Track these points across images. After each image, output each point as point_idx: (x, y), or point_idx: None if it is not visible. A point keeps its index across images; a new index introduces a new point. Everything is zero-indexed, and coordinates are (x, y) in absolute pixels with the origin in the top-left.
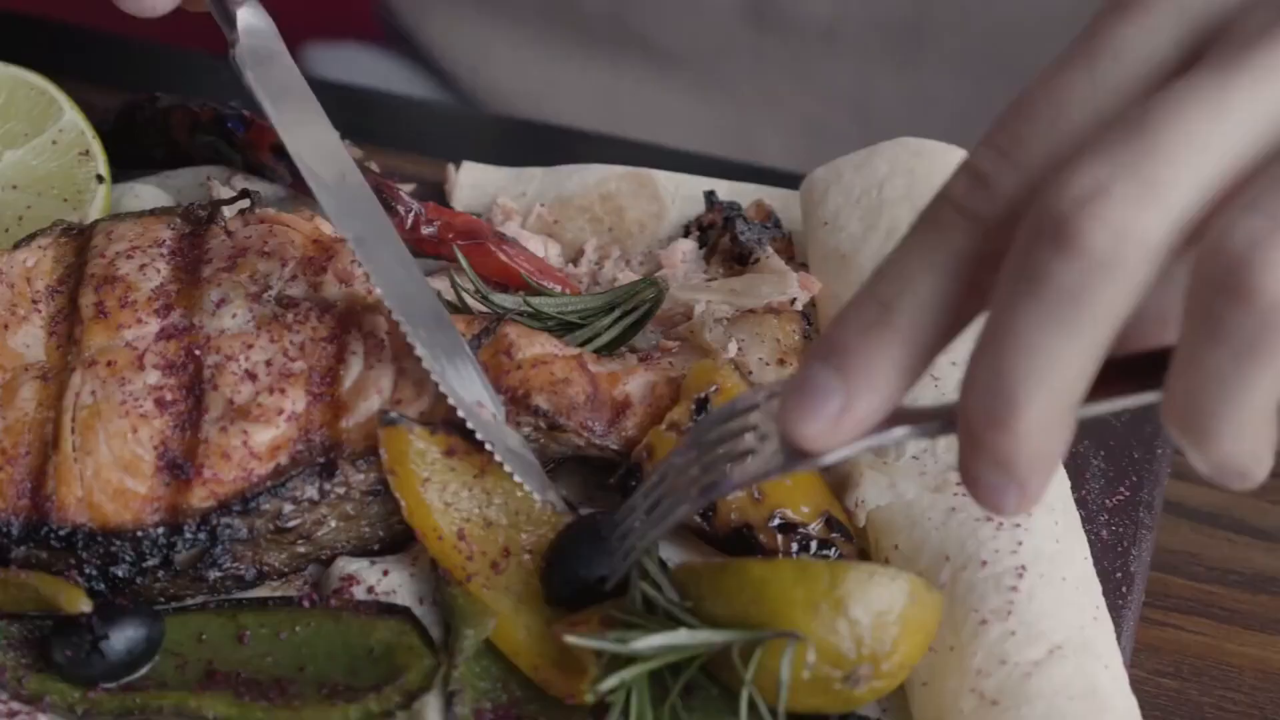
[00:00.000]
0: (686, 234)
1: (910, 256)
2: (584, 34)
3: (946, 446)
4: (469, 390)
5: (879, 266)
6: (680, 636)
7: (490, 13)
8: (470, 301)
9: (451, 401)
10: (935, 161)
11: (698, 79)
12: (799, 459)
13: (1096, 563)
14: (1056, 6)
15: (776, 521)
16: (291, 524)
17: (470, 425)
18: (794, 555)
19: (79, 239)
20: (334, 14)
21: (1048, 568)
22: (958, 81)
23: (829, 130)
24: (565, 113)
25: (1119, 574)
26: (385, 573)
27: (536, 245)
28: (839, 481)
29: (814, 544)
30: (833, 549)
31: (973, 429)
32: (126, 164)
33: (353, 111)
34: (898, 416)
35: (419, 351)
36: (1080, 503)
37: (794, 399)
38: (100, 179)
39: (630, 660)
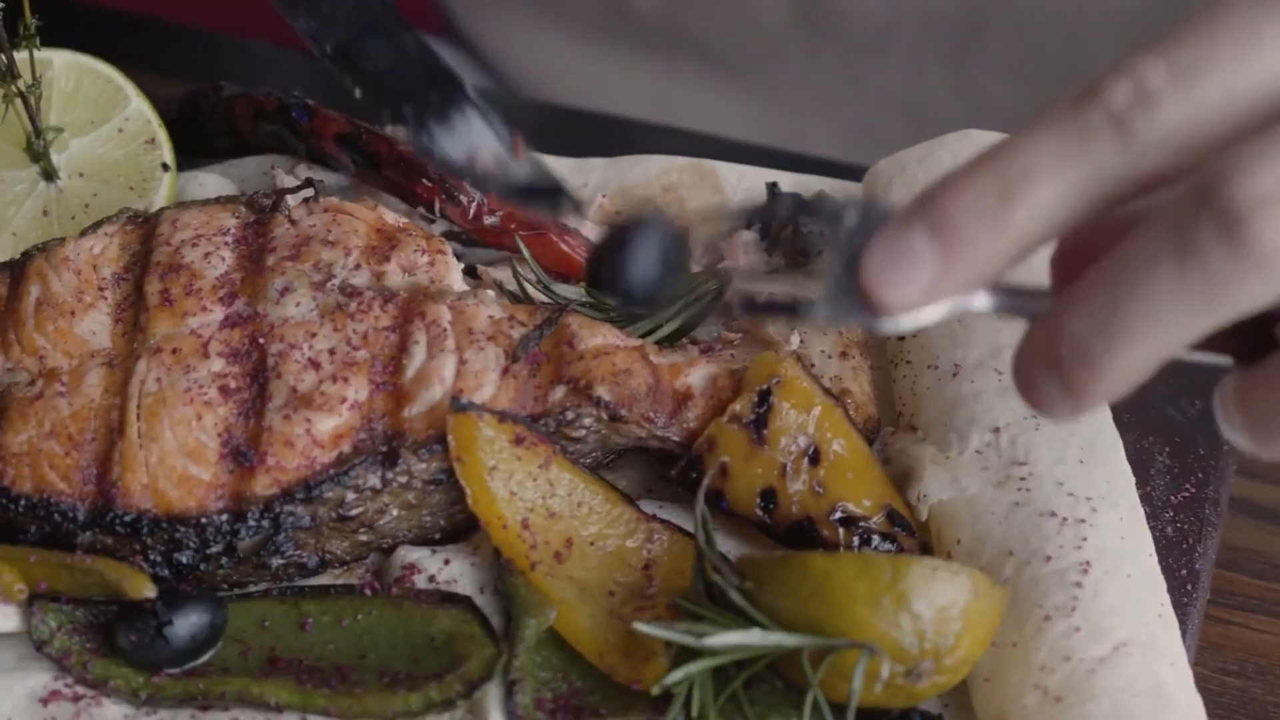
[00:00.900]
0: (748, 226)
1: (1047, 151)
2: (636, 36)
3: (1009, 441)
4: (460, 145)
5: (1009, 140)
6: (753, 636)
7: (541, 13)
8: (532, 291)
9: (436, 167)
10: None
11: (749, 81)
12: (866, 312)
13: (1161, 560)
14: (1111, 6)
15: (838, 515)
16: (354, 512)
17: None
18: (855, 549)
19: (144, 227)
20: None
21: (1113, 564)
22: (1011, 83)
23: (881, 132)
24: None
25: (1184, 571)
26: (446, 562)
27: (598, 235)
28: (901, 475)
29: (875, 538)
30: (894, 543)
31: (1057, 344)
32: (191, 152)
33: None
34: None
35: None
36: (1145, 499)
37: (886, 258)
38: (166, 167)
39: (696, 652)
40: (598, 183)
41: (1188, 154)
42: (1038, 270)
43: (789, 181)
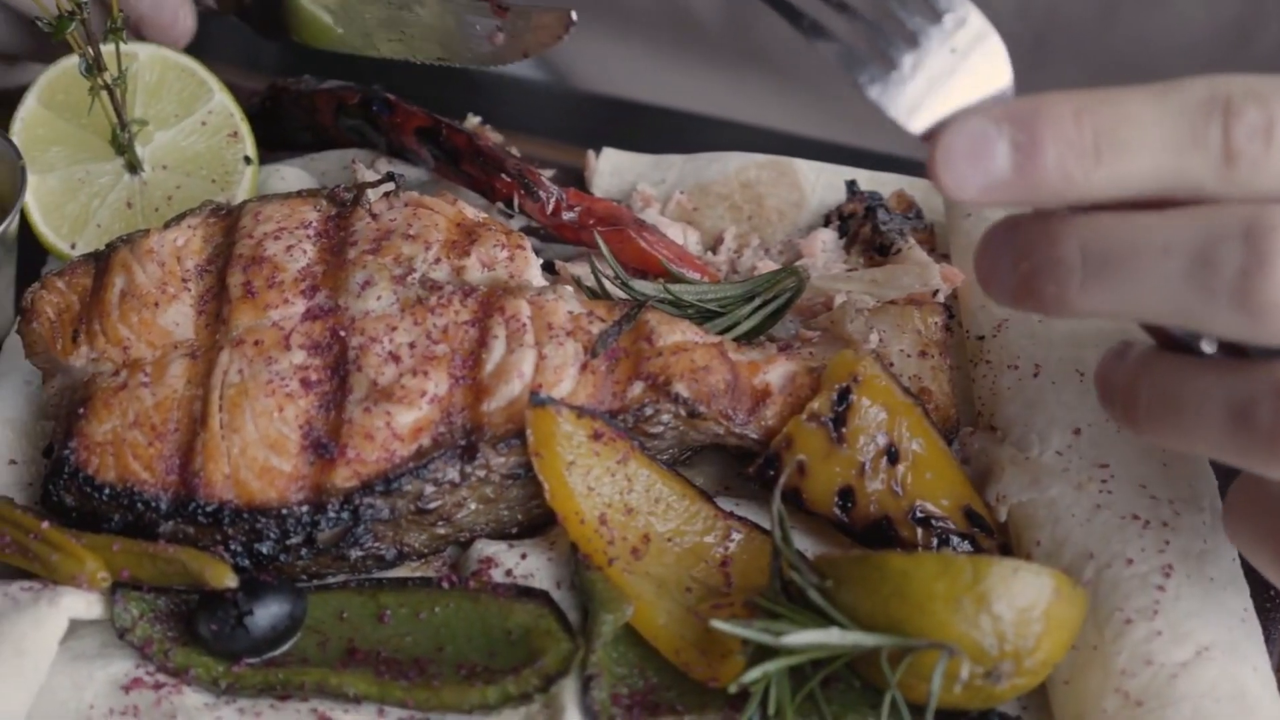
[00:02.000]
0: (827, 223)
1: (1154, 137)
2: (704, 47)
3: (1091, 443)
4: None
5: (1123, 100)
6: (831, 635)
7: (607, 26)
8: (610, 287)
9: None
10: None
11: (814, 96)
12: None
13: (1244, 563)
14: (1173, 39)
15: (916, 514)
16: (432, 505)
17: None
18: (934, 549)
19: (227, 219)
20: None
21: (1195, 567)
22: None
23: None
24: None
25: None
26: (524, 556)
27: (675, 232)
28: (980, 475)
29: (954, 538)
30: (973, 543)
31: (1044, 250)
32: (272, 146)
33: (490, 98)
34: None
35: None
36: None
37: (965, 142)
38: (248, 160)
39: (774, 651)
40: (675, 179)
41: (1264, 196)
42: None
43: (868, 179)
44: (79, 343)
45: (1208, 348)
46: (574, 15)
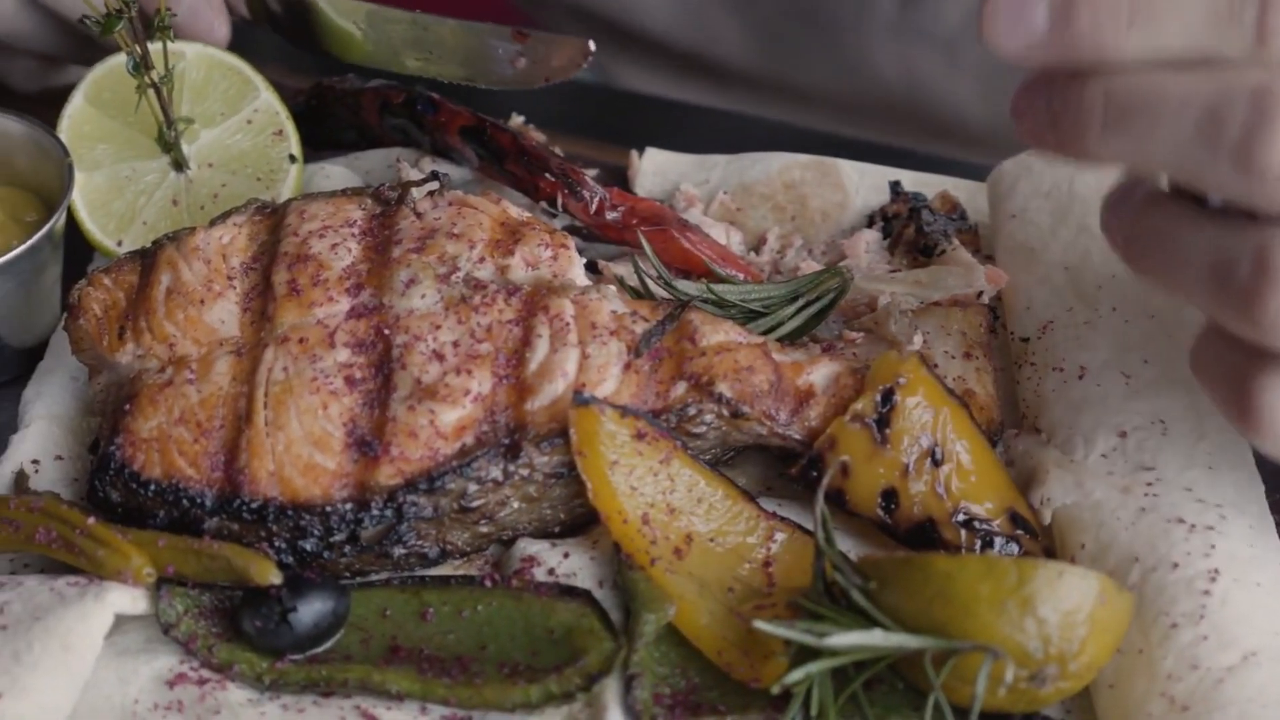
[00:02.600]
0: (870, 224)
1: (1190, 12)
2: (721, 78)
3: (1136, 446)
4: None
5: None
6: (874, 637)
7: (631, 59)
8: (653, 287)
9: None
10: None
11: (858, 96)
12: None
13: None
14: None
15: (960, 517)
16: (475, 504)
17: None
18: (977, 551)
19: (272, 217)
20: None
21: (1242, 572)
22: None
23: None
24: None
25: None
26: (566, 555)
27: (719, 232)
28: (1024, 478)
29: (998, 540)
30: (1017, 546)
31: (1074, 96)
32: (316, 144)
33: (533, 97)
34: None
35: None
36: (1275, 507)
37: (1007, 16)
38: (293, 159)
39: (816, 652)
40: (718, 179)
41: None
42: None
43: (911, 180)
44: (125, 339)
45: (1214, 202)
46: (592, 45)
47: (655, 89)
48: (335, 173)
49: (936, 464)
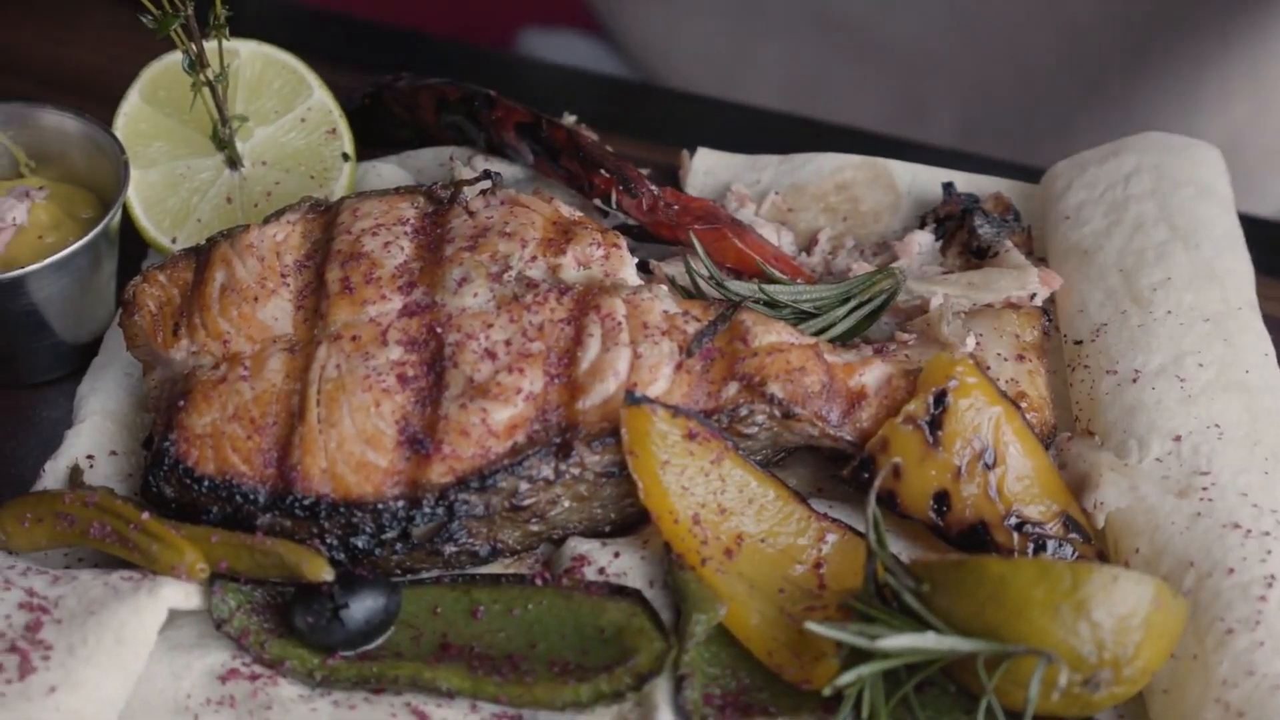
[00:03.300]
0: (922, 225)
1: None
2: (801, 47)
3: (1192, 450)
4: None
5: None
6: (927, 640)
7: (704, 22)
8: (705, 287)
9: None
10: (1184, 157)
11: (909, 97)
12: None
13: None
14: None
15: (1012, 520)
16: (526, 502)
17: None
18: (1030, 554)
19: (326, 215)
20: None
21: None
22: (1178, 95)
23: (1058, 133)
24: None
25: None
26: (616, 554)
27: (770, 233)
28: (1077, 481)
29: (1050, 544)
30: (1070, 550)
31: None
32: (369, 142)
33: (585, 96)
34: None
35: None
36: None
37: None
38: (346, 157)
39: (868, 654)
40: (770, 179)
41: None
42: None
43: (964, 181)
44: (179, 336)
45: None
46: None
47: (718, 58)
48: (387, 171)
49: (989, 467)
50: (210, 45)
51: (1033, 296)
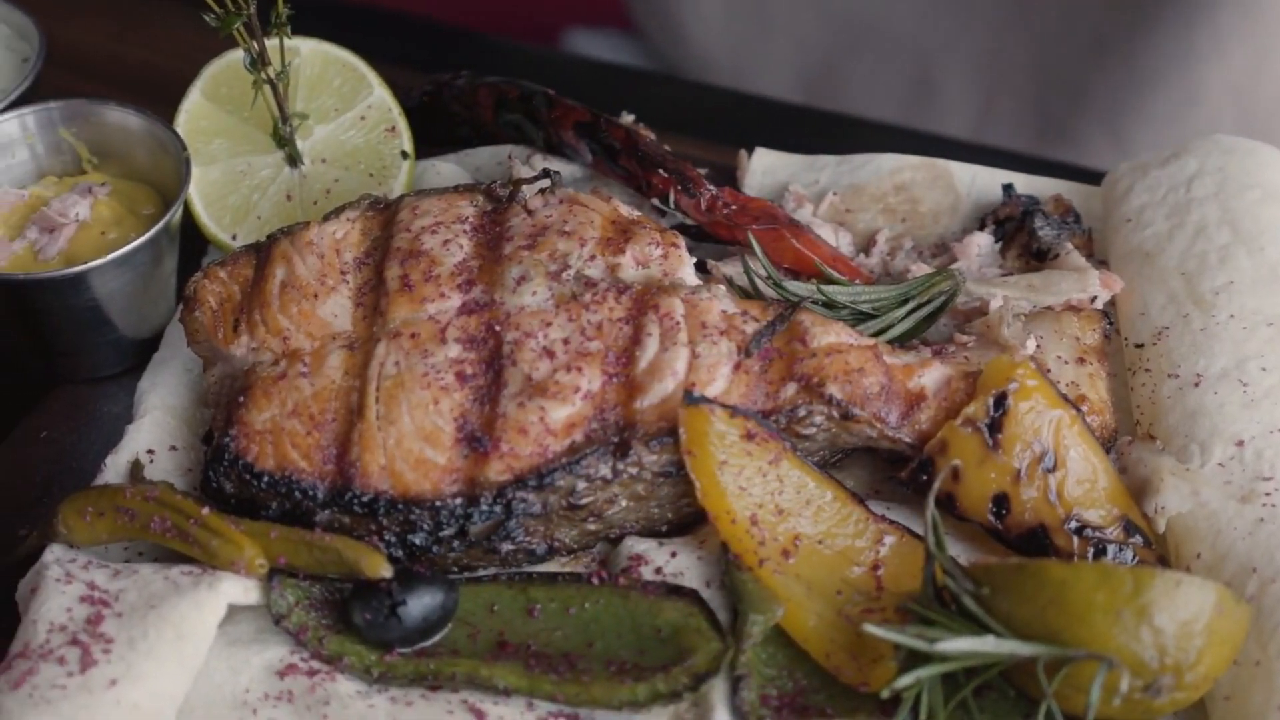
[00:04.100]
0: (982, 226)
1: None
2: (857, 48)
3: (1255, 455)
4: None
5: None
6: (987, 644)
7: (760, 23)
8: (763, 287)
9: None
10: (1248, 160)
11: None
12: None
13: None
14: None
15: (1072, 524)
16: (584, 501)
17: None
18: (1090, 559)
19: (385, 213)
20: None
21: None
22: (1248, 104)
23: (1119, 134)
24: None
25: None
26: (673, 554)
27: (828, 233)
28: (1138, 485)
29: (1111, 548)
30: (1131, 554)
31: None
32: (428, 140)
33: (643, 96)
34: None
35: None
36: None
37: None
38: (405, 155)
39: (926, 657)
40: (828, 180)
41: None
42: None
43: (1024, 183)
44: (240, 332)
45: None
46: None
47: (776, 58)
48: (446, 169)
49: (1049, 470)
50: (272, 43)
51: (1093, 299)
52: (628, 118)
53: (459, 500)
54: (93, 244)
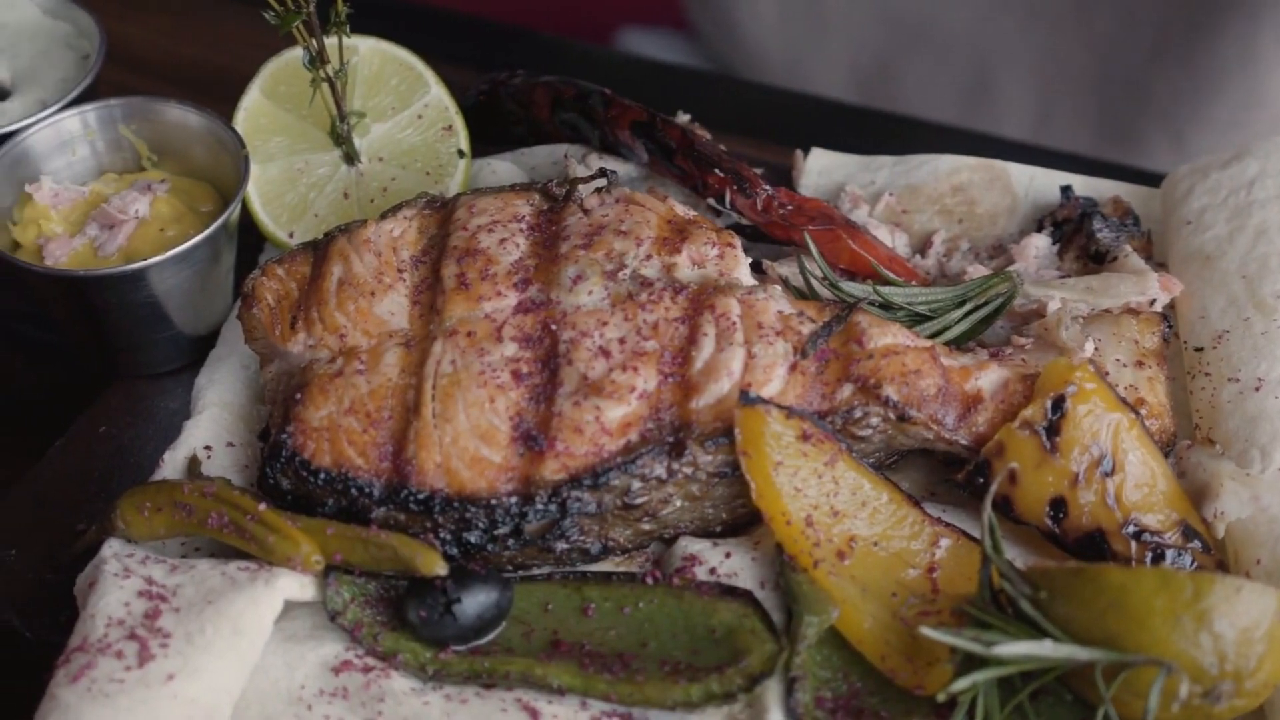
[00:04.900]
0: (1040, 228)
1: None
2: (913, 48)
3: None
4: None
5: None
6: (1045, 647)
7: (814, 24)
8: (818, 288)
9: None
10: None
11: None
12: None
13: None
14: None
15: (1131, 528)
16: (639, 501)
17: None
18: (1148, 563)
19: (442, 211)
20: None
21: None
22: None
23: (1180, 135)
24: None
25: None
26: (728, 555)
27: (884, 234)
28: (1197, 490)
29: (1169, 553)
30: (1190, 559)
31: None
32: (485, 139)
33: (698, 96)
34: None
35: None
36: None
37: None
38: (461, 154)
39: (982, 660)
40: (885, 181)
41: None
42: None
43: (1082, 185)
44: (297, 329)
45: None
46: None
47: (832, 59)
48: (502, 168)
49: (1107, 474)
50: (330, 42)
51: (1152, 302)
52: (684, 117)
53: (514, 499)
54: (152, 241)
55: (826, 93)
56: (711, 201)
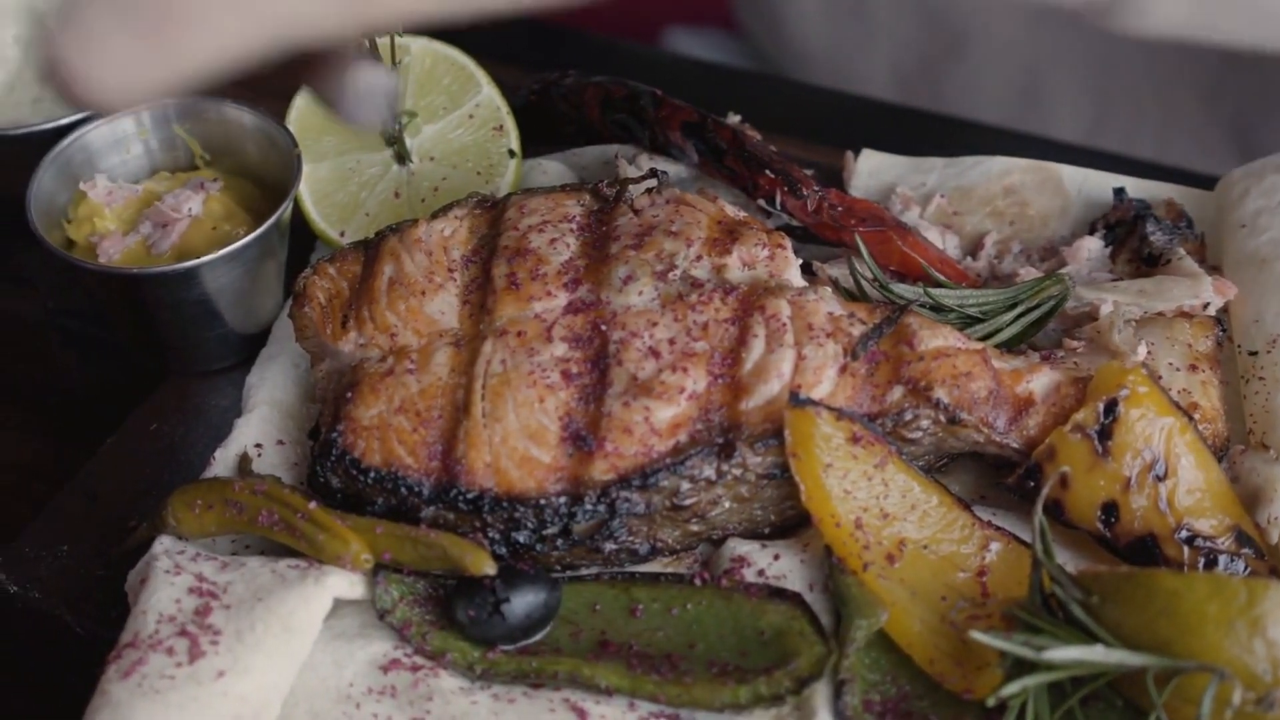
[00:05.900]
0: (1092, 231)
1: None
2: (962, 49)
3: None
4: None
5: None
6: (1095, 652)
7: (865, 25)
8: (869, 289)
9: None
10: None
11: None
12: None
13: None
14: None
15: (1183, 533)
16: (687, 502)
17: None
18: (1200, 569)
19: (492, 211)
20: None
21: None
22: None
23: (1236, 139)
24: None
25: None
26: (776, 557)
27: (934, 236)
28: (1250, 495)
29: (1222, 558)
30: (1243, 565)
31: None
32: (535, 139)
33: (748, 97)
34: None
35: None
36: None
37: None
38: (512, 154)
39: (1032, 665)
40: (936, 182)
41: None
42: None
43: (1134, 187)
44: (348, 328)
45: None
46: None
47: (882, 60)
48: (552, 168)
49: (1160, 478)
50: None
51: (1206, 305)
52: (734, 118)
53: (563, 499)
54: (204, 239)
55: (872, 93)
56: (762, 202)
